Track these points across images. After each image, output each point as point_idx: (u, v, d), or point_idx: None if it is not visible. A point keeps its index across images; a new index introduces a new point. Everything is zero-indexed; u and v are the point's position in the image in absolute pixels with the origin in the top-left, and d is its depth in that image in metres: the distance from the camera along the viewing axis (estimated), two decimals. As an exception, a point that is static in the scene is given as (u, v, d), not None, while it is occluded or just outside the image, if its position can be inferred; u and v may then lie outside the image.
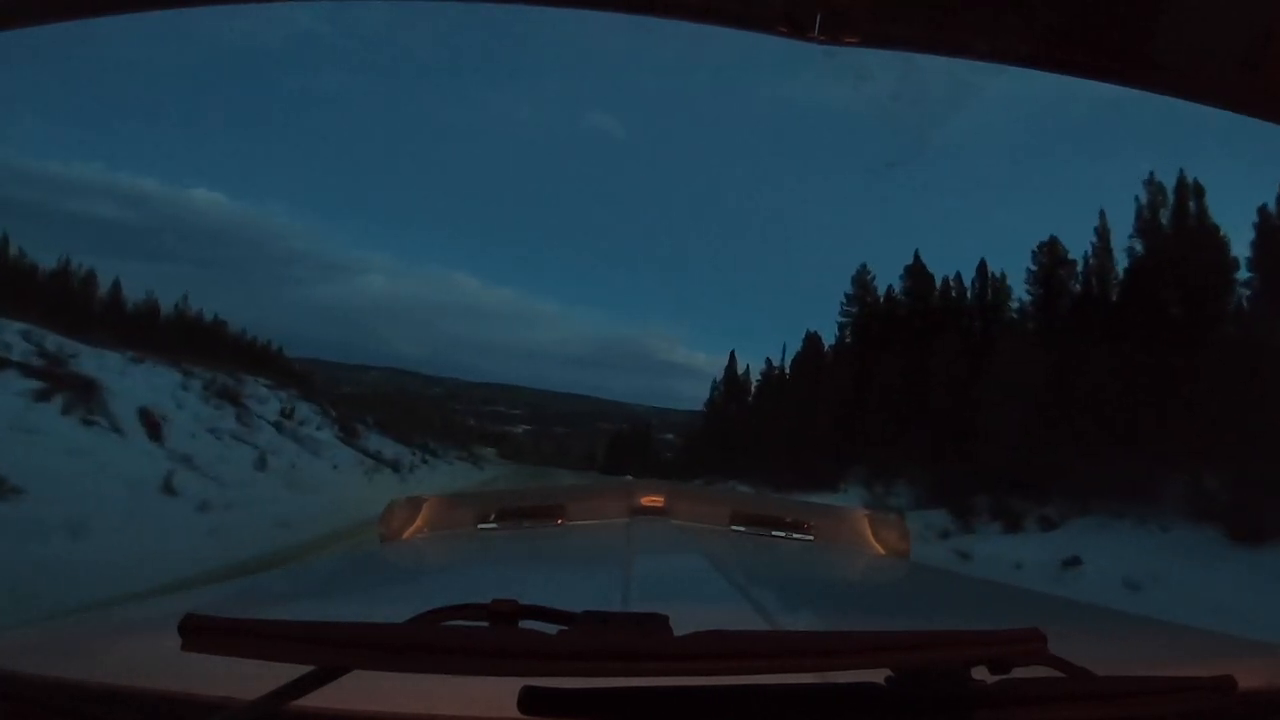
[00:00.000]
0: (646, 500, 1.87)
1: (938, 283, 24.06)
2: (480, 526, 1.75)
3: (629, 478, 3.28)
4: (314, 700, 0.49)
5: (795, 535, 1.76)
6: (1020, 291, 20.81)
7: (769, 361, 32.38)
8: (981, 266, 22.63)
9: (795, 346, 29.86)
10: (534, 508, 1.85)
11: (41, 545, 6.09)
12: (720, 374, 34.67)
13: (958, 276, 23.27)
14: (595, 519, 1.82)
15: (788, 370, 29.97)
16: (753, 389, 32.93)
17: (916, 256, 25.33)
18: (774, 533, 1.77)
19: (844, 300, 26.79)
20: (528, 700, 0.46)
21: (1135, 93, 0.93)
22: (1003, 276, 21.80)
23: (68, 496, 7.68)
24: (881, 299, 25.93)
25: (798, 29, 0.79)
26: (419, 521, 1.77)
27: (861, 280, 26.68)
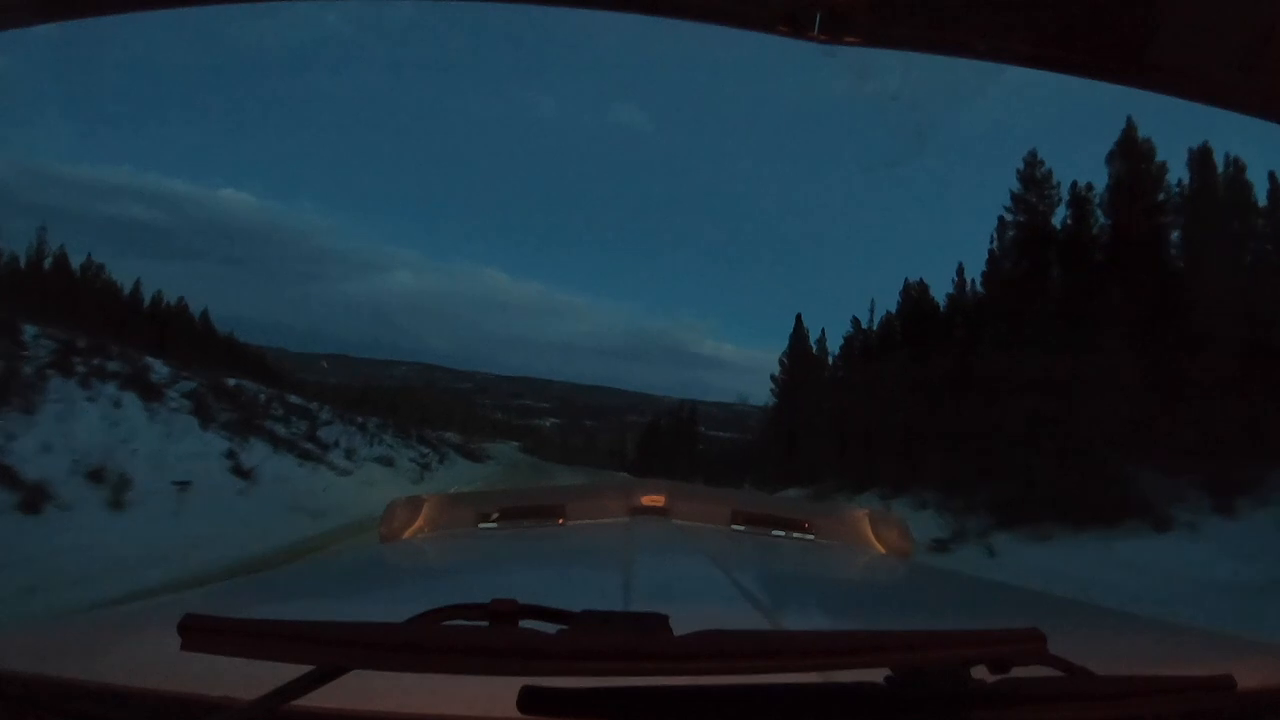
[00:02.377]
0: (647, 500, 1.87)
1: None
2: (481, 526, 1.75)
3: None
4: (314, 700, 0.49)
5: (795, 534, 1.76)
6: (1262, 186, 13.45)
7: (856, 324, 23.76)
8: (1204, 151, 14.41)
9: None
10: (535, 507, 1.86)
11: None
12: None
13: (1202, 148, 14.21)
14: (596, 518, 1.82)
15: (875, 336, 22.07)
16: (829, 364, 25.47)
17: (1129, 125, 15.04)
18: (774, 532, 1.78)
19: (1006, 209, 16.96)
20: (527, 700, 0.46)
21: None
22: (1237, 162, 14.03)
23: None
24: (1066, 202, 16.09)
25: (798, 29, 0.79)
26: (419, 521, 1.77)
27: (1031, 176, 16.75)
